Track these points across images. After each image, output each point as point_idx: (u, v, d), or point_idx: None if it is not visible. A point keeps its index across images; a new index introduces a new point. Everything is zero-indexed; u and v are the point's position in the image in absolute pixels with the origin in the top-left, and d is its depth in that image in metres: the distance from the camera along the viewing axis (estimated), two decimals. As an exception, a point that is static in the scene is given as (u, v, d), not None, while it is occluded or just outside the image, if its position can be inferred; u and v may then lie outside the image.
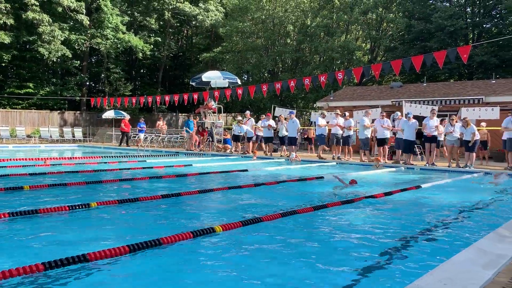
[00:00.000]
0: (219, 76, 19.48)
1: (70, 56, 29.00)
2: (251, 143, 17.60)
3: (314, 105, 26.11)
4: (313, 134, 18.73)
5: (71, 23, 29.49)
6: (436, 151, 13.38)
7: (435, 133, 12.99)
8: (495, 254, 3.28)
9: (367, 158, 14.24)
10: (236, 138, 17.92)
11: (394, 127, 14.27)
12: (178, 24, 37.47)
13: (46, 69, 32.36)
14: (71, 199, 6.13)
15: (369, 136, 14.32)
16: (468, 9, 30.50)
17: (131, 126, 22.99)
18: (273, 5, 31.30)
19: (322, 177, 9.55)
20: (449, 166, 12.53)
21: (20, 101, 29.22)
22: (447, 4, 30.98)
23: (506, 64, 27.53)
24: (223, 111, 22.75)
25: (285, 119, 16.68)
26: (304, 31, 31.36)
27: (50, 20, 27.24)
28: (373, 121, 14.84)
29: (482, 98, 17.17)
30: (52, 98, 29.81)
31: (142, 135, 21.70)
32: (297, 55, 31.72)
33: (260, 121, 17.72)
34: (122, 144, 21.84)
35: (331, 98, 22.37)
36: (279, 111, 20.16)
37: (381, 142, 14.08)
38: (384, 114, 14.40)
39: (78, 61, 31.49)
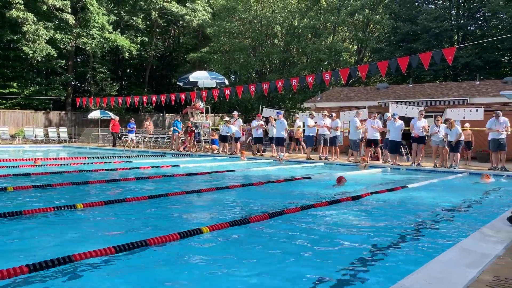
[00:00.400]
0: (207, 76, 19.42)
1: (55, 55, 28.64)
2: (238, 144, 17.59)
3: (302, 105, 26.20)
4: (301, 134, 18.79)
5: (56, 22, 29.13)
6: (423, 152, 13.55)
7: (423, 134, 13.18)
8: (480, 253, 3.32)
9: (354, 159, 14.33)
10: (223, 139, 17.89)
11: (385, 127, 14.38)
12: (165, 24, 37.28)
13: (30, 68, 31.92)
14: (56, 200, 6.06)
15: (360, 137, 14.37)
16: (453, 12, 30.92)
17: (120, 127, 22.66)
18: (260, 6, 31.33)
19: (309, 177, 9.59)
20: (434, 166, 12.68)
21: (3, 101, 28.75)
22: (433, 6, 31.37)
23: (490, 65, 27.98)
24: (210, 111, 22.71)
25: (275, 120, 16.71)
26: (292, 32, 31.46)
27: (35, 18, 26.86)
28: (361, 122, 14.93)
29: (467, 99, 17.41)
30: (36, 98, 29.40)
31: (132, 136, 21.45)
32: (285, 56, 31.80)
33: (254, 121, 17.66)
34: (115, 145, 21.55)
35: (318, 98, 22.47)
36: (267, 112, 20.20)
37: (371, 142, 14.18)
38: (376, 114, 14.47)
39: (64, 61, 31.12)
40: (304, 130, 16.72)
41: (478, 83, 19.87)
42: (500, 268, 2.98)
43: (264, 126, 17.18)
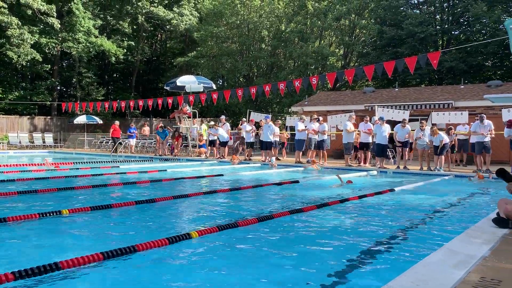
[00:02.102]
0: (194, 81, 19.38)
1: (40, 60, 28.30)
2: (226, 148, 17.57)
3: (289, 109, 26.30)
4: (286, 139, 18.97)
5: (41, 26, 28.82)
6: (408, 155, 13.73)
7: (406, 139, 13.42)
8: (466, 255, 3.36)
9: (345, 162, 14.42)
10: (211, 143, 17.85)
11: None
12: (152, 28, 37.14)
13: (15, 73, 31.52)
14: (41, 206, 5.97)
15: (352, 140, 14.42)
16: (438, 17, 31.37)
17: (121, 132, 21.81)
18: (247, 10, 31.41)
19: (297, 181, 9.61)
20: (420, 169, 12.82)
21: (-13, 106, 28.36)
22: (418, 11, 31.78)
23: (473, 69, 28.41)
24: (198, 116, 22.65)
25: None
26: (279, 36, 31.60)
27: (19, 23, 26.55)
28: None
29: (452, 103, 17.65)
30: (21, 103, 29.03)
31: (132, 141, 21.07)
32: (272, 60, 31.90)
33: (247, 125, 17.44)
34: (114, 150, 20.81)
35: (306, 103, 22.58)
36: (255, 116, 20.23)
37: (364, 146, 14.30)
38: (367, 118, 14.57)
39: (49, 65, 30.77)
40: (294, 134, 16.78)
41: (462, 87, 20.17)
42: (486, 269, 3.02)
43: (256, 131, 17.23)
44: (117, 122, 21.80)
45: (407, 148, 13.93)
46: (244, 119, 18.50)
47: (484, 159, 12.58)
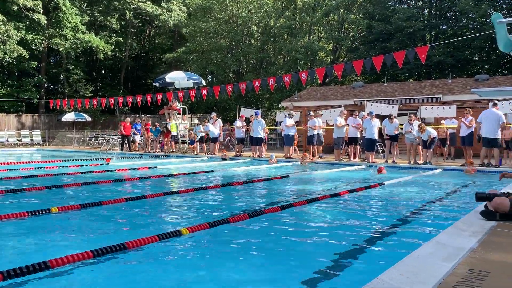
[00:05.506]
0: (183, 77, 19.30)
1: (27, 56, 27.93)
2: (217, 144, 17.54)
3: (279, 105, 26.31)
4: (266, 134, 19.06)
5: (27, 22, 28.44)
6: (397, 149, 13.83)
7: (395, 133, 13.48)
8: (454, 247, 3.40)
9: (336, 156, 14.49)
10: (200, 139, 17.81)
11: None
12: (140, 24, 36.85)
13: (1, 70, 31.08)
14: (30, 205, 5.91)
15: (342, 135, 14.47)
16: (425, 11, 31.56)
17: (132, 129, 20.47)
18: (236, 6, 31.30)
19: (288, 176, 9.63)
20: (409, 163, 12.92)
21: (-27, 104, 27.97)
22: (406, 6, 31.94)
23: (461, 64, 28.66)
24: (187, 112, 22.55)
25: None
26: (268, 31, 31.55)
27: (5, 19, 26.18)
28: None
29: (440, 97, 17.80)
30: (8, 100, 28.66)
31: (137, 138, 20.42)
32: (261, 56, 31.86)
33: (237, 121, 17.37)
34: (123, 149, 19.89)
35: (296, 98, 22.61)
36: (245, 112, 20.18)
37: (352, 140, 14.36)
38: (357, 113, 14.62)
39: (36, 62, 30.39)
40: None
41: (450, 81, 20.35)
42: (474, 261, 3.06)
43: (246, 127, 17.23)
44: (128, 119, 20.50)
45: (396, 143, 14.03)
46: (214, 113, 19.28)
47: (492, 152, 12.53)
